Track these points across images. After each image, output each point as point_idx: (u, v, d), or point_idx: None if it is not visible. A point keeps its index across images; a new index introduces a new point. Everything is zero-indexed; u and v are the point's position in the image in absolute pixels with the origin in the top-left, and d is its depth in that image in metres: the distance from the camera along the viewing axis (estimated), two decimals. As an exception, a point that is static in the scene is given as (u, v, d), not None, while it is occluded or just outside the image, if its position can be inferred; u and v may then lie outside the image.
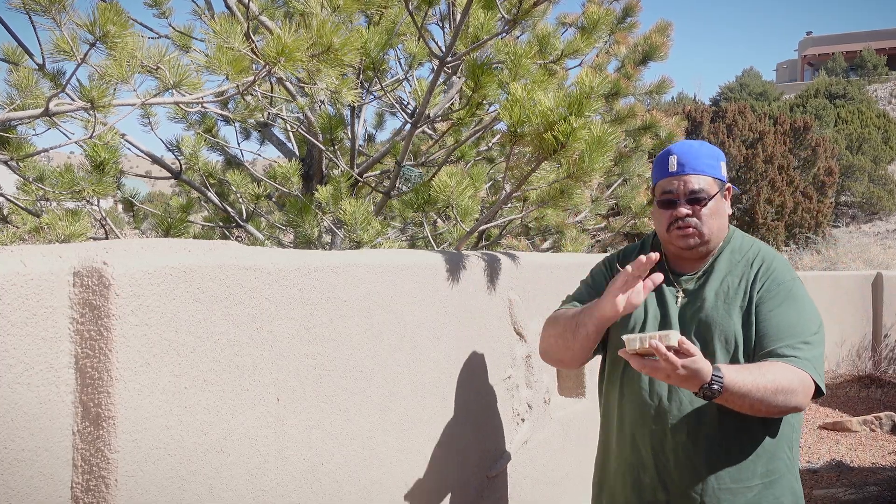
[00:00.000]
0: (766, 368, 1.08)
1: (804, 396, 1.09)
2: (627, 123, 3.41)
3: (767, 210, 11.41)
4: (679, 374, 0.99)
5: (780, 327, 1.12)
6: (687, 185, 1.18)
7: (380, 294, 1.24)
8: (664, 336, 0.98)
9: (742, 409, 1.08)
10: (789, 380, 1.07)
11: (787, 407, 1.09)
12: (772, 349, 1.11)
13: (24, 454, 0.75)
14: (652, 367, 1.00)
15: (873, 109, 18.26)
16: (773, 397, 1.06)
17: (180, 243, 0.95)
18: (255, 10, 2.13)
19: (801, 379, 1.09)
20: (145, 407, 0.82)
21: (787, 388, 1.07)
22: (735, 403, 1.07)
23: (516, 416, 1.73)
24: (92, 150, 1.73)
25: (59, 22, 1.28)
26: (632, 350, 1.00)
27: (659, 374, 1.01)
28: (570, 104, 1.47)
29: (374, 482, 1.22)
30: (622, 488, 1.22)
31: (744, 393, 1.04)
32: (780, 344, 1.11)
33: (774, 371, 1.07)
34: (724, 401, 1.06)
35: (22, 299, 0.74)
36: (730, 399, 1.05)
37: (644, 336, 0.99)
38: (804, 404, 1.11)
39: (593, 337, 1.18)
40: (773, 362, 1.09)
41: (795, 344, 1.11)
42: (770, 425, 1.16)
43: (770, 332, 1.12)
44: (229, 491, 0.93)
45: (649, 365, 1.00)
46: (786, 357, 1.10)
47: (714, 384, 1.02)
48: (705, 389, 1.03)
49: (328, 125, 2.47)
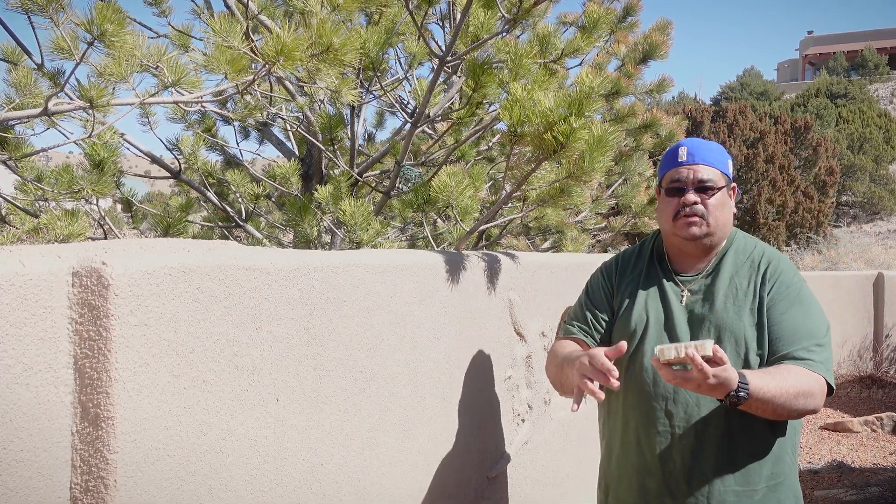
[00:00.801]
0: (786, 373, 1.08)
1: (821, 399, 1.10)
2: (628, 123, 3.41)
3: (768, 210, 11.40)
4: (709, 384, 0.99)
5: (793, 330, 1.12)
6: (696, 173, 1.18)
7: (379, 294, 1.23)
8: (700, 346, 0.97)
9: (764, 414, 1.08)
10: (808, 384, 1.08)
11: (806, 410, 1.09)
12: (787, 352, 1.11)
13: (22, 455, 0.74)
14: (683, 378, 0.99)
15: (874, 109, 18.23)
16: (794, 401, 1.06)
17: (179, 243, 0.94)
18: (255, 9, 2.12)
19: (818, 381, 1.10)
20: (144, 407, 0.82)
21: (808, 391, 1.08)
22: (758, 409, 1.06)
23: (516, 416, 1.72)
24: (91, 150, 1.73)
25: (56, 21, 1.27)
26: (666, 360, 0.99)
27: (689, 385, 1.00)
28: (570, 104, 1.47)
29: (374, 483, 1.22)
30: (627, 493, 1.21)
31: (768, 399, 1.04)
32: (795, 347, 1.11)
33: (794, 375, 1.08)
34: (747, 407, 1.05)
35: (21, 299, 0.74)
36: (754, 405, 1.05)
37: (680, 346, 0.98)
38: (820, 407, 1.12)
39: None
40: (791, 366, 1.10)
41: (810, 347, 1.11)
42: (777, 428, 1.16)
43: (784, 336, 1.12)
44: (228, 492, 0.93)
45: (680, 376, 0.99)
46: (802, 360, 1.10)
47: (741, 391, 1.02)
48: (731, 397, 1.02)
49: (328, 125, 2.47)
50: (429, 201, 2.01)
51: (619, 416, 1.22)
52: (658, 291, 1.22)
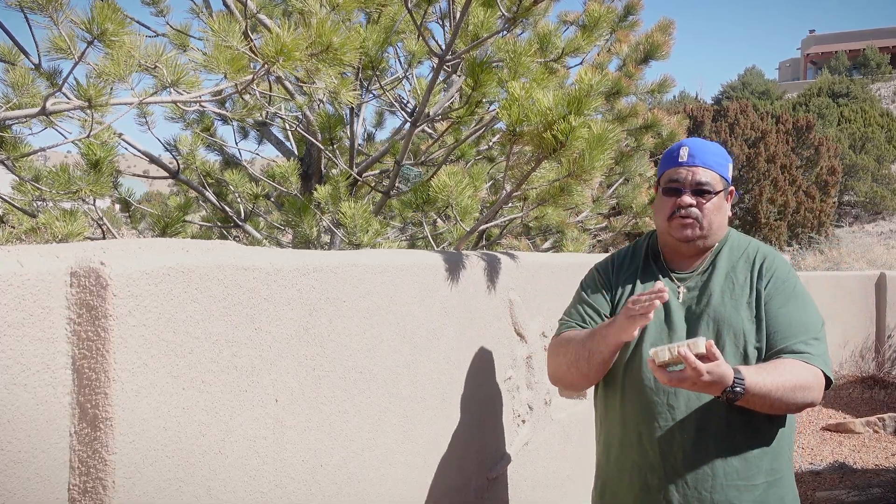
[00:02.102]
0: (782, 367, 1.09)
1: (819, 391, 1.12)
2: (629, 122, 3.40)
3: (770, 210, 11.39)
4: (704, 381, 1.00)
5: (789, 324, 1.14)
6: (695, 175, 1.19)
7: (379, 294, 1.23)
8: (692, 344, 0.98)
9: (762, 408, 1.09)
10: (805, 377, 1.09)
11: (805, 403, 1.11)
12: (785, 346, 1.12)
13: (20, 456, 0.74)
14: (679, 379, 1.00)
15: (876, 108, 18.19)
16: (791, 395, 1.08)
17: (178, 243, 0.94)
18: (254, 8, 2.12)
19: (815, 374, 1.11)
20: (143, 408, 0.81)
21: (805, 384, 1.09)
22: (756, 404, 1.07)
23: (517, 417, 1.72)
24: (87, 149, 1.73)
25: (55, 20, 1.27)
26: (661, 361, 0.99)
27: (685, 384, 1.01)
28: (569, 102, 1.46)
29: (374, 484, 1.22)
30: (628, 491, 1.20)
31: (764, 393, 1.05)
32: (792, 341, 1.12)
33: (791, 369, 1.09)
34: (745, 402, 1.06)
35: (19, 300, 0.74)
36: (751, 400, 1.06)
37: (672, 346, 0.99)
38: (819, 399, 1.13)
39: (609, 360, 1.19)
40: (787, 360, 1.11)
41: (808, 340, 1.13)
42: (776, 422, 1.16)
43: (781, 329, 1.14)
44: (228, 493, 0.92)
45: (676, 377, 1.00)
46: (800, 354, 1.11)
47: (737, 387, 1.03)
48: (728, 393, 1.03)
49: (327, 124, 2.47)
50: (428, 201, 2.00)
51: (618, 413, 1.22)
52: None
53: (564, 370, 1.24)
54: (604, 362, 1.18)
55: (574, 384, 1.26)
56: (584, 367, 1.20)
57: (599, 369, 1.19)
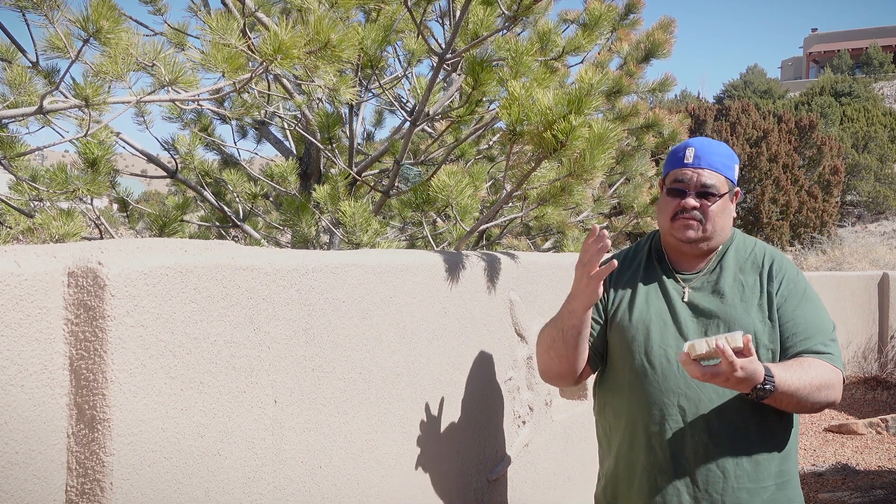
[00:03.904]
0: (807, 365, 1.10)
1: (839, 390, 1.13)
2: (630, 121, 3.39)
3: (772, 209, 11.36)
4: (737, 377, 0.99)
5: (807, 326, 1.14)
6: (700, 177, 1.18)
7: (378, 295, 1.22)
8: (730, 338, 0.97)
9: (787, 407, 1.09)
10: (829, 376, 1.10)
11: (828, 402, 1.11)
12: (807, 347, 1.13)
13: (17, 457, 0.74)
14: (712, 374, 0.99)
15: (879, 107, 18.14)
16: (817, 393, 1.08)
17: (176, 243, 0.93)
18: (252, 6, 2.11)
19: (836, 374, 1.12)
20: (141, 409, 0.81)
21: (829, 383, 1.10)
22: (782, 402, 1.07)
23: (517, 418, 1.71)
24: (84, 148, 1.73)
25: (51, 19, 1.27)
26: (696, 355, 0.98)
27: (717, 379, 1.00)
28: (569, 102, 1.45)
29: (373, 485, 1.21)
30: (638, 493, 1.19)
31: (792, 391, 1.05)
32: (812, 342, 1.13)
33: (816, 367, 1.10)
34: (772, 400, 1.06)
35: (16, 300, 0.74)
36: (779, 398, 1.05)
37: (710, 339, 0.98)
38: (839, 399, 1.14)
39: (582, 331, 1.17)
40: (810, 359, 1.11)
41: (826, 341, 1.14)
42: (786, 424, 1.17)
43: (799, 331, 1.14)
44: (226, 494, 0.92)
45: (710, 371, 0.99)
46: (822, 354, 1.12)
47: (767, 384, 1.03)
48: (758, 390, 1.03)
49: (326, 123, 2.46)
50: (428, 201, 2.00)
51: (625, 416, 1.20)
52: (659, 289, 1.21)
53: (546, 358, 1.23)
54: (578, 338, 1.16)
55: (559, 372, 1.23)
56: (561, 348, 1.18)
57: (575, 347, 1.17)
